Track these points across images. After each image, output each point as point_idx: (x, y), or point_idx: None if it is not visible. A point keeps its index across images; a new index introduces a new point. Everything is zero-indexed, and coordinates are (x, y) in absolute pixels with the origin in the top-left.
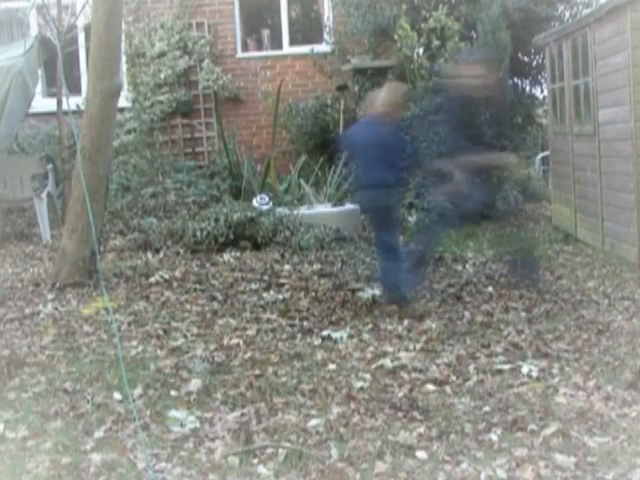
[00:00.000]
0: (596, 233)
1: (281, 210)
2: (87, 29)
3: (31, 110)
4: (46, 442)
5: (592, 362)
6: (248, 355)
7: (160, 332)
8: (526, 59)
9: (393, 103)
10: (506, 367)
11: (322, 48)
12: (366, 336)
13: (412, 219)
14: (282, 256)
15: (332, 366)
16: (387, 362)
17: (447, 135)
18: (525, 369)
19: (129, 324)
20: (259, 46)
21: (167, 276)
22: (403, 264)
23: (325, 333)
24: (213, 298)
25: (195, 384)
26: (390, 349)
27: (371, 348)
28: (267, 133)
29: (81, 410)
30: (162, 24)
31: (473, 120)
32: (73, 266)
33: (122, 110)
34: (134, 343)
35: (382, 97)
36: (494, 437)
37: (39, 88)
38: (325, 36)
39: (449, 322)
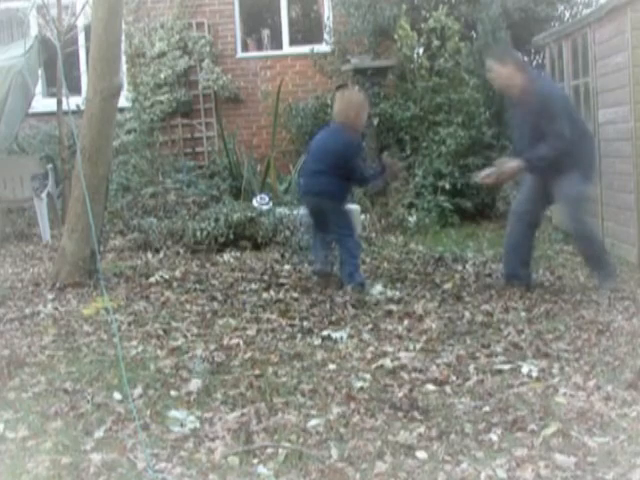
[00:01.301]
0: None
1: (281, 210)
2: (87, 29)
3: (31, 110)
4: (46, 442)
5: (592, 362)
6: (248, 355)
7: (160, 332)
8: (526, 59)
9: (346, 115)
10: (506, 367)
11: (322, 48)
12: (366, 336)
13: (412, 219)
14: (282, 256)
15: (332, 366)
16: (387, 362)
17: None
18: (525, 369)
19: (129, 324)
20: (259, 46)
21: (167, 276)
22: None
23: (325, 333)
24: (213, 298)
25: (195, 384)
26: (390, 349)
27: (371, 348)
28: (267, 133)
29: (81, 410)
30: (162, 24)
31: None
32: (73, 266)
33: (122, 110)
34: (134, 343)
35: (336, 107)
36: (494, 437)
37: (39, 88)
38: (325, 36)
39: (449, 322)
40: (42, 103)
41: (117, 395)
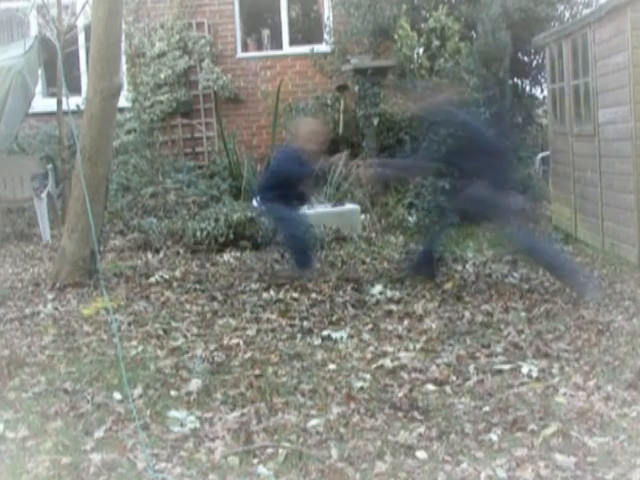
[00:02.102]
0: (596, 233)
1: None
2: (87, 29)
3: (31, 110)
4: (46, 442)
5: (592, 362)
6: (248, 355)
7: (160, 332)
8: (526, 59)
9: (309, 148)
10: (506, 367)
11: (322, 48)
12: (366, 336)
13: (412, 219)
14: (282, 256)
15: (332, 366)
16: (387, 362)
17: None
18: (525, 369)
19: (129, 324)
20: (259, 46)
21: (167, 276)
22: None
23: (325, 333)
24: (213, 298)
25: (195, 384)
26: (390, 349)
27: (371, 348)
28: (267, 133)
29: (81, 410)
30: (162, 24)
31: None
32: (73, 266)
33: (122, 110)
34: (134, 343)
35: (300, 136)
36: (494, 437)
37: (39, 88)
38: (325, 36)
39: (449, 322)
40: (42, 103)
41: (117, 395)
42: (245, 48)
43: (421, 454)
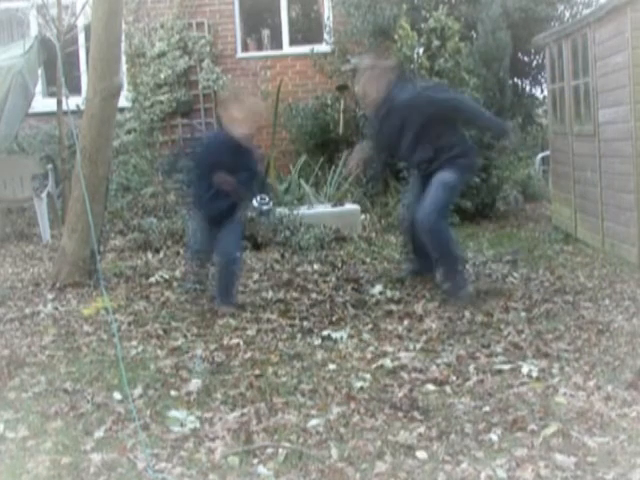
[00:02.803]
0: (596, 233)
1: (281, 210)
2: (87, 29)
3: (31, 110)
4: (46, 442)
5: (592, 362)
6: (248, 355)
7: (160, 332)
8: (526, 59)
9: (252, 126)
10: (506, 367)
11: (322, 48)
12: (366, 336)
13: None
14: (282, 256)
15: (332, 366)
16: (387, 362)
17: None
18: (525, 369)
19: (129, 324)
20: (259, 46)
21: (167, 276)
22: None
23: (325, 333)
24: (213, 298)
25: (195, 384)
26: (390, 349)
27: (371, 348)
28: (267, 133)
29: (81, 410)
30: (162, 24)
31: None
32: (73, 266)
33: (122, 110)
34: (134, 343)
35: (241, 118)
36: (494, 437)
37: (39, 88)
38: (325, 36)
39: (449, 322)
40: (42, 103)
41: (117, 395)
42: (245, 48)
43: (421, 454)
